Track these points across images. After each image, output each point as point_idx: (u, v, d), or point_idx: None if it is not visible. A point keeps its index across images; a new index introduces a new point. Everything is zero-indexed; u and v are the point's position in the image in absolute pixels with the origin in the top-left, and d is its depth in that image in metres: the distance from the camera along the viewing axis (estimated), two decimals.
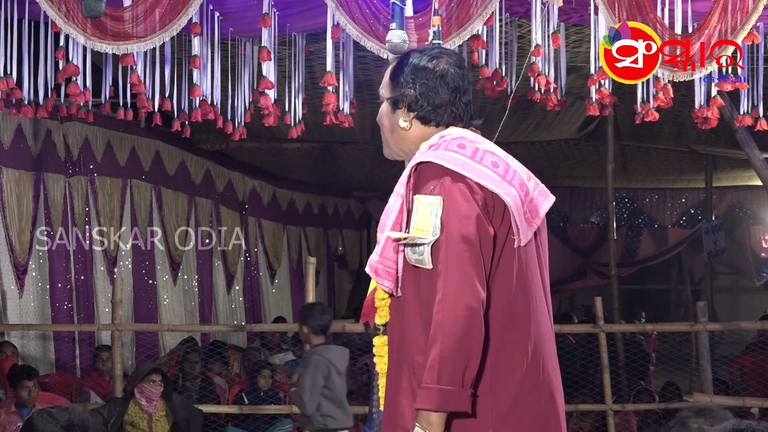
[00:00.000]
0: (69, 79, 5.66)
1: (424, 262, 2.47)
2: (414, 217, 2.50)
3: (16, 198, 8.25)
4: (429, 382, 2.40)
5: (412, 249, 2.50)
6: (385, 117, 2.70)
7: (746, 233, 16.01)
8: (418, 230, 2.48)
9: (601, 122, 9.89)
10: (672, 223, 16.64)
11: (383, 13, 5.10)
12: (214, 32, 5.83)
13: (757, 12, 4.98)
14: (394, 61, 2.74)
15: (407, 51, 2.80)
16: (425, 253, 2.47)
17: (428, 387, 2.40)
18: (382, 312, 2.63)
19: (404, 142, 2.69)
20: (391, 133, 2.71)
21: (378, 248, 2.57)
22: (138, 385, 6.35)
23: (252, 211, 13.15)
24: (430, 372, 2.40)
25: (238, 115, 6.61)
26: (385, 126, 2.71)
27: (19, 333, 8.16)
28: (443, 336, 2.40)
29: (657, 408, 7.34)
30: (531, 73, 5.67)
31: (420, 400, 2.41)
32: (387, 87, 2.70)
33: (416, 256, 2.49)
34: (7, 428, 6.27)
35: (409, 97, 2.64)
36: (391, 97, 2.67)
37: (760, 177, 7.55)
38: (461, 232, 2.45)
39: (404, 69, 2.66)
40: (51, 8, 5.09)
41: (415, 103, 2.64)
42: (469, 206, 2.48)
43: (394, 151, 2.74)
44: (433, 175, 2.51)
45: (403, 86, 2.65)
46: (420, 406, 2.41)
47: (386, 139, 2.73)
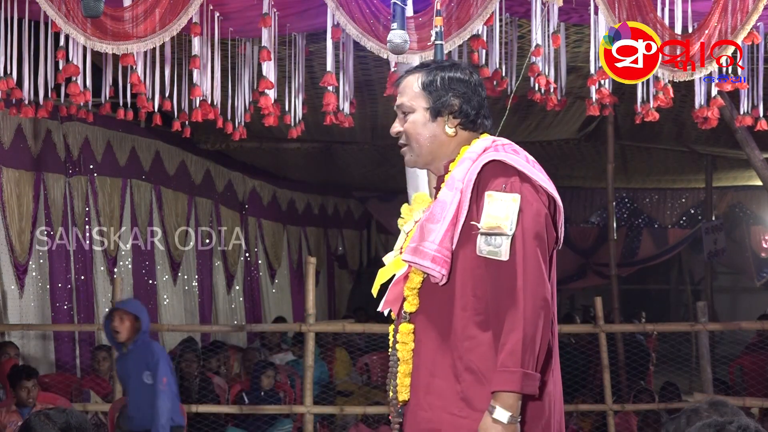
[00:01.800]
0: (69, 79, 5.66)
1: (500, 254, 2.64)
2: (487, 212, 2.67)
3: (16, 198, 8.25)
4: (512, 366, 2.56)
5: (486, 241, 2.66)
6: (421, 126, 2.84)
7: (746, 233, 16.00)
8: (492, 224, 2.65)
9: (601, 122, 9.89)
10: (672, 223, 16.64)
11: (383, 13, 5.10)
12: (214, 32, 5.83)
13: (757, 12, 4.98)
14: (412, 73, 2.88)
15: (427, 64, 2.94)
16: (503, 245, 2.64)
17: (512, 370, 2.56)
18: (414, 300, 2.78)
19: (445, 149, 2.85)
20: (430, 142, 2.85)
21: (434, 237, 2.71)
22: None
23: (252, 211, 13.15)
24: (512, 356, 2.57)
25: (238, 115, 6.61)
26: (420, 135, 2.85)
27: (19, 333, 8.16)
28: (525, 324, 2.59)
29: (657, 408, 7.34)
30: (531, 73, 5.66)
31: (502, 382, 2.57)
32: (419, 98, 2.84)
33: (490, 248, 2.65)
34: (7, 427, 6.27)
35: (453, 105, 2.83)
36: (432, 106, 2.83)
37: (760, 177, 7.55)
38: (535, 229, 2.68)
39: (437, 80, 2.84)
40: (51, 8, 5.08)
41: (460, 110, 2.83)
42: (539, 206, 2.71)
43: (426, 159, 2.88)
44: (503, 174, 2.71)
45: (442, 95, 2.83)
46: (504, 388, 2.57)
47: (420, 147, 2.86)
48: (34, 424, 3.38)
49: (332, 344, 10.28)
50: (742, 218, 16.09)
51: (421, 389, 2.74)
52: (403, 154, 2.91)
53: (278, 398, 7.97)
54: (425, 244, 2.71)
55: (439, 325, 2.74)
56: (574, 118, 10.08)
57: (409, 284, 2.78)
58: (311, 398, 6.98)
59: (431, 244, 2.70)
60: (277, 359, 9.72)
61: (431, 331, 2.75)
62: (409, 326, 2.78)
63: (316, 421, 7.27)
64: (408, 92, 2.86)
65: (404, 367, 2.77)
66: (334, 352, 10.23)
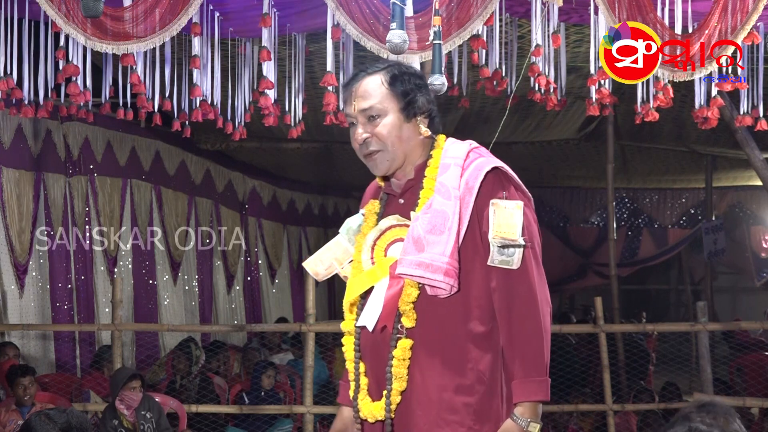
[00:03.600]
0: (69, 79, 5.66)
1: (512, 263, 2.59)
2: (497, 221, 2.60)
3: (16, 198, 8.25)
4: (537, 376, 2.55)
5: (500, 251, 2.60)
6: (397, 129, 2.70)
7: (746, 233, 16.00)
8: (504, 233, 2.59)
9: (601, 122, 9.89)
10: (672, 223, 16.65)
11: (383, 13, 5.10)
12: (214, 32, 5.83)
13: (757, 12, 4.98)
14: (369, 75, 2.73)
15: (385, 65, 2.77)
16: (516, 254, 2.59)
17: (539, 380, 2.55)
18: (412, 315, 2.64)
19: (417, 151, 2.74)
20: (406, 144, 2.71)
21: (442, 249, 2.60)
22: (119, 394, 6.18)
23: (252, 211, 13.15)
24: (536, 366, 2.55)
25: (238, 115, 6.61)
26: (397, 138, 2.70)
27: (19, 333, 8.16)
28: (544, 332, 2.58)
29: (657, 408, 7.34)
30: (531, 73, 5.67)
31: (531, 392, 2.54)
32: (389, 99, 2.70)
33: (504, 257, 2.60)
34: (7, 426, 6.27)
35: (424, 105, 2.72)
36: (404, 107, 2.70)
37: (760, 177, 7.55)
38: (535, 236, 2.66)
39: (404, 78, 2.71)
40: (51, 8, 5.08)
41: (428, 109, 2.73)
42: (533, 213, 2.68)
43: (398, 164, 2.73)
44: (502, 181, 2.66)
45: (412, 94, 2.70)
46: (534, 398, 2.55)
47: (395, 151, 2.71)
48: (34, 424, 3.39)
49: (332, 344, 10.28)
50: (742, 218, 16.09)
51: (434, 406, 2.60)
52: (371, 161, 2.72)
53: (278, 398, 7.97)
54: (434, 257, 2.59)
55: (442, 339, 2.62)
56: (574, 118, 10.08)
57: (406, 298, 2.63)
58: (311, 398, 6.98)
59: (442, 257, 2.59)
60: (276, 359, 9.71)
61: (434, 346, 2.62)
62: (408, 342, 2.63)
63: (316, 421, 7.26)
64: (374, 95, 2.69)
65: (398, 384, 2.63)
66: (334, 352, 10.23)
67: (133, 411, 6.20)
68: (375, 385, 2.69)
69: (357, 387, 2.72)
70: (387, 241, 2.74)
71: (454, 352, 2.61)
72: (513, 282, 2.59)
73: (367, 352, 2.71)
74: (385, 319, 2.66)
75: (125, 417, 6.17)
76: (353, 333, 2.75)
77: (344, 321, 2.78)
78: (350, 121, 2.78)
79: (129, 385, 6.19)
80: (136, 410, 6.21)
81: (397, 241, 2.71)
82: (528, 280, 2.60)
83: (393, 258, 2.70)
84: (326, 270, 2.85)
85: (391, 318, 2.66)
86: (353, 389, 2.73)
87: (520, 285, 2.59)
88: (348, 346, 2.76)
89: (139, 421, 6.18)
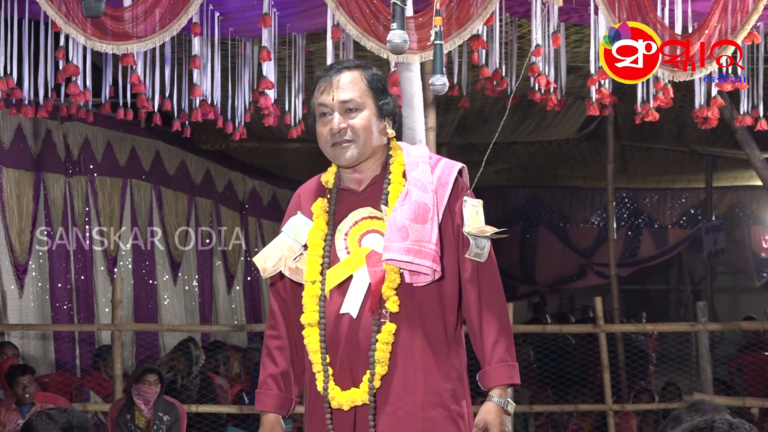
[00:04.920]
0: (69, 79, 5.66)
1: (482, 256, 2.79)
2: (469, 217, 2.80)
3: (16, 198, 8.25)
4: (511, 360, 2.77)
5: (476, 243, 2.78)
6: (372, 125, 2.85)
7: (746, 233, 15.99)
8: (480, 227, 2.79)
9: (601, 122, 9.89)
10: (672, 223, 16.63)
11: (383, 13, 5.10)
12: (214, 32, 5.83)
13: (757, 12, 4.98)
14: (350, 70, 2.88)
15: (360, 63, 2.94)
16: (486, 247, 2.79)
17: (512, 364, 2.77)
18: (396, 300, 2.76)
19: (381, 147, 2.90)
20: (375, 140, 2.86)
21: (430, 237, 2.74)
22: (134, 386, 6.27)
23: (252, 211, 13.15)
24: (509, 351, 2.77)
25: (238, 115, 6.61)
26: (371, 133, 2.84)
27: (19, 333, 8.16)
28: (508, 320, 2.83)
29: (657, 408, 7.34)
30: (531, 73, 5.67)
31: (508, 376, 2.75)
32: (367, 96, 2.86)
33: (478, 250, 2.79)
34: (7, 425, 6.27)
35: (393, 107, 2.90)
36: (379, 106, 2.86)
37: (760, 177, 7.55)
38: None
39: (379, 80, 2.88)
40: (51, 8, 5.08)
41: (395, 112, 2.91)
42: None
43: (365, 158, 2.87)
44: (465, 181, 2.90)
45: (384, 96, 2.87)
46: (510, 381, 2.76)
47: (366, 144, 2.84)
48: (35, 424, 3.39)
49: None
50: (742, 218, 16.08)
51: (419, 390, 2.73)
52: (340, 149, 2.85)
53: None
54: (423, 244, 2.71)
55: (423, 325, 2.76)
56: (574, 118, 10.08)
57: (390, 284, 2.75)
58: None
59: (429, 243, 2.72)
60: None
61: (417, 331, 2.75)
62: (392, 326, 2.74)
63: None
64: (355, 89, 2.84)
65: (381, 369, 2.72)
66: None
67: (152, 409, 6.21)
68: (347, 373, 2.76)
69: (326, 378, 2.77)
70: (360, 232, 2.85)
71: (433, 337, 2.76)
72: (484, 274, 2.80)
73: (339, 340, 2.77)
74: (367, 305, 2.76)
75: (141, 413, 6.20)
76: (316, 324, 2.81)
77: (305, 314, 2.83)
78: (323, 111, 2.90)
79: (144, 378, 6.22)
80: (155, 409, 6.21)
81: (370, 231, 2.84)
82: (495, 273, 2.83)
83: (368, 248, 2.81)
84: (273, 267, 2.91)
85: (374, 304, 2.75)
86: (321, 380, 2.78)
87: (490, 277, 2.81)
88: (312, 337, 2.81)
89: (154, 421, 6.20)
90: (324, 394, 2.77)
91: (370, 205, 2.85)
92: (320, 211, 2.90)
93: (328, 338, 2.79)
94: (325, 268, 2.82)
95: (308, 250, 2.87)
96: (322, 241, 2.85)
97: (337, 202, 2.90)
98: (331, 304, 2.80)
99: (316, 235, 2.86)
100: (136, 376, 6.29)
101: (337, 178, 2.95)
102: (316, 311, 2.81)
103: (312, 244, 2.86)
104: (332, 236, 2.85)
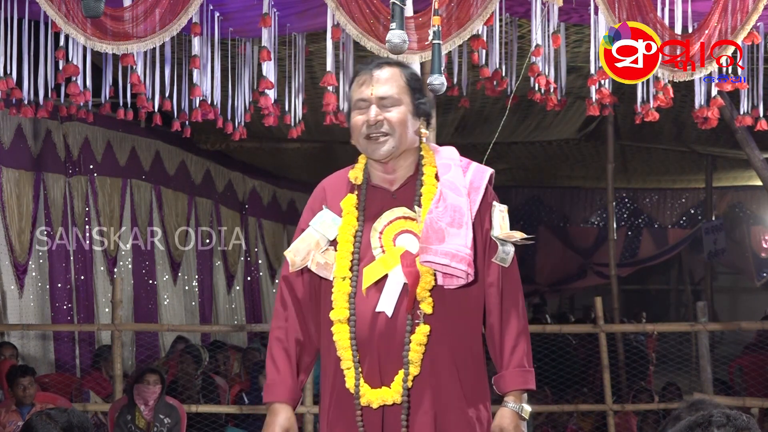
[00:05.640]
0: (69, 79, 5.66)
1: (507, 261, 2.84)
2: (498, 222, 2.85)
3: (16, 198, 8.25)
4: (528, 366, 2.80)
5: (504, 248, 2.83)
6: (408, 121, 2.86)
7: (746, 233, 15.99)
8: (507, 233, 2.83)
9: (601, 122, 9.89)
10: (672, 223, 16.64)
11: (383, 13, 5.10)
12: (214, 32, 5.83)
13: (757, 12, 4.98)
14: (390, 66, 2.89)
15: (399, 62, 2.99)
16: (511, 253, 2.84)
17: (529, 370, 2.80)
18: (431, 301, 2.77)
19: (413, 147, 2.91)
20: (409, 138, 2.87)
21: (465, 241, 2.76)
22: (135, 386, 6.25)
23: (252, 211, 13.15)
24: (527, 357, 2.80)
25: (238, 115, 6.61)
26: (406, 129, 2.85)
27: (18, 333, 8.16)
28: (527, 325, 2.87)
29: (657, 408, 7.34)
30: (531, 73, 5.67)
31: (525, 381, 2.78)
32: (405, 93, 2.86)
33: (504, 255, 2.83)
34: (7, 427, 6.27)
35: (428, 108, 2.92)
36: (416, 105, 2.87)
37: (760, 177, 7.55)
38: None
39: (419, 80, 2.91)
40: (51, 8, 5.08)
41: (428, 113, 2.93)
42: None
43: (398, 153, 2.87)
44: (492, 185, 2.93)
45: (422, 97, 2.89)
46: (528, 387, 2.79)
47: (401, 139, 2.85)
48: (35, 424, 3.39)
49: None
50: (742, 218, 16.08)
51: (444, 391, 2.75)
52: (376, 143, 2.84)
53: None
54: (459, 248, 2.74)
55: (452, 327, 2.78)
56: (574, 118, 10.08)
57: (426, 285, 2.76)
58: (311, 398, 6.98)
59: (465, 248, 2.74)
60: None
61: (446, 333, 2.77)
62: (426, 327, 2.75)
63: (316, 421, 7.26)
64: (395, 84, 2.85)
65: (414, 369, 2.73)
66: None
67: (152, 410, 6.21)
68: (376, 371, 2.76)
69: (357, 375, 2.76)
70: (395, 231, 2.84)
71: (460, 339, 2.79)
72: (507, 278, 2.84)
73: (370, 338, 2.76)
74: (403, 305, 2.76)
75: (141, 414, 6.19)
76: (345, 321, 2.79)
77: (335, 310, 2.81)
78: (360, 105, 2.88)
79: (144, 378, 6.22)
80: (156, 411, 6.21)
81: (404, 232, 2.83)
82: (517, 278, 2.87)
83: (402, 248, 2.81)
84: (302, 261, 2.89)
85: (409, 304, 2.76)
86: (352, 377, 2.77)
87: (513, 282, 2.85)
88: (342, 334, 2.79)
89: (154, 423, 6.20)
90: (355, 392, 2.76)
91: (404, 206, 2.85)
92: (350, 207, 2.89)
93: (358, 335, 2.78)
94: (354, 264, 2.82)
95: (338, 246, 2.86)
96: (352, 237, 2.85)
97: (367, 199, 2.89)
98: (365, 302, 2.79)
99: (347, 231, 2.86)
100: (137, 376, 6.29)
101: (366, 174, 2.94)
102: (346, 308, 2.80)
103: (342, 240, 2.85)
104: (362, 233, 2.85)
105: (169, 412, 6.28)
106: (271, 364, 2.89)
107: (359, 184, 2.92)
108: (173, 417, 6.29)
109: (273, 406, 2.86)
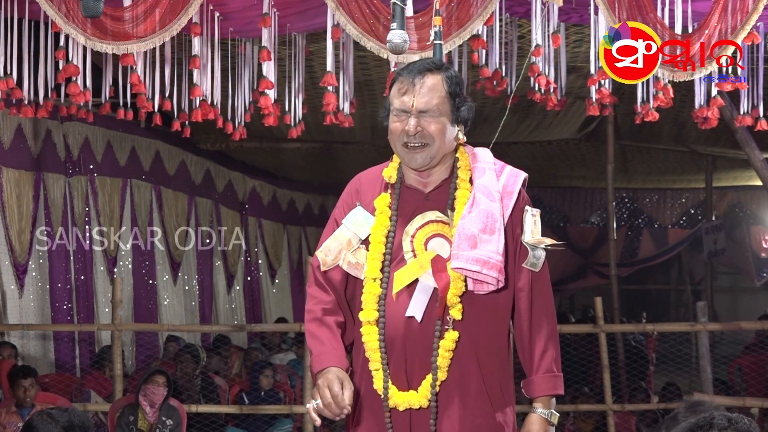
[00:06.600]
0: (69, 79, 5.66)
1: (538, 266, 2.83)
2: (529, 227, 2.85)
3: (16, 198, 8.25)
4: (557, 371, 2.82)
5: (534, 253, 2.82)
6: (447, 131, 2.81)
7: (746, 233, 16.00)
8: (538, 238, 2.84)
9: (601, 122, 9.90)
10: (672, 223, 16.65)
11: (383, 13, 5.10)
12: (214, 32, 5.83)
13: (757, 12, 4.98)
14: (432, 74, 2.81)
15: (443, 66, 2.87)
16: (542, 257, 2.83)
17: (558, 375, 2.82)
18: (460, 307, 2.76)
19: (450, 152, 2.88)
20: (447, 147, 2.83)
21: (497, 248, 2.75)
22: (142, 387, 6.25)
23: (252, 211, 13.16)
24: (556, 362, 2.82)
25: (238, 115, 6.61)
26: (443, 138, 2.80)
27: (18, 333, 8.16)
28: (557, 331, 2.87)
29: (657, 408, 7.34)
30: (531, 73, 5.67)
31: (554, 387, 2.80)
32: (446, 102, 2.80)
33: (534, 260, 2.83)
34: (7, 428, 6.27)
35: (467, 115, 2.87)
36: (456, 113, 2.83)
37: (760, 177, 7.55)
38: None
39: (461, 88, 2.85)
40: (51, 8, 5.09)
41: (468, 118, 2.88)
42: None
43: (435, 161, 2.83)
44: (524, 189, 2.92)
45: (463, 104, 2.84)
46: (557, 392, 2.80)
47: (438, 150, 2.81)
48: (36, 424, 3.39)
49: None
50: (742, 218, 16.09)
51: (471, 396, 2.75)
52: (413, 153, 2.80)
53: (278, 398, 7.97)
54: (491, 255, 2.73)
55: (480, 332, 2.77)
56: (574, 118, 10.08)
57: (456, 291, 2.75)
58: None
59: (496, 254, 2.74)
60: (277, 359, 9.71)
61: (474, 338, 2.76)
62: (455, 333, 2.74)
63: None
64: (436, 96, 2.79)
65: (442, 374, 2.73)
66: None
67: (156, 412, 6.21)
68: (402, 374, 2.76)
69: (386, 377, 2.77)
70: (426, 235, 2.83)
71: (488, 344, 2.79)
72: (537, 283, 2.83)
73: (399, 341, 2.76)
74: (432, 310, 2.76)
75: (145, 416, 6.19)
76: (374, 323, 2.79)
77: (364, 311, 2.80)
78: (400, 114, 2.82)
79: (152, 379, 6.22)
80: (159, 413, 6.21)
81: (436, 235, 2.82)
82: (548, 283, 2.86)
83: (433, 252, 2.80)
84: (333, 260, 2.88)
85: (440, 310, 2.75)
86: (381, 378, 2.77)
87: (543, 286, 2.84)
88: (372, 335, 2.78)
89: (157, 425, 6.19)
90: (383, 394, 2.76)
91: (437, 208, 2.84)
92: (383, 206, 2.87)
93: (387, 338, 2.77)
94: (386, 266, 2.82)
95: (371, 246, 2.84)
96: (384, 237, 2.84)
97: (400, 200, 2.88)
98: (395, 305, 2.78)
99: (380, 231, 2.84)
100: (146, 377, 6.30)
101: (400, 173, 2.92)
102: (375, 309, 2.79)
103: (374, 241, 2.84)
104: (395, 234, 2.84)
105: (171, 413, 6.29)
106: (314, 339, 2.81)
107: (393, 183, 2.91)
108: (175, 418, 6.30)
109: (323, 371, 2.76)
